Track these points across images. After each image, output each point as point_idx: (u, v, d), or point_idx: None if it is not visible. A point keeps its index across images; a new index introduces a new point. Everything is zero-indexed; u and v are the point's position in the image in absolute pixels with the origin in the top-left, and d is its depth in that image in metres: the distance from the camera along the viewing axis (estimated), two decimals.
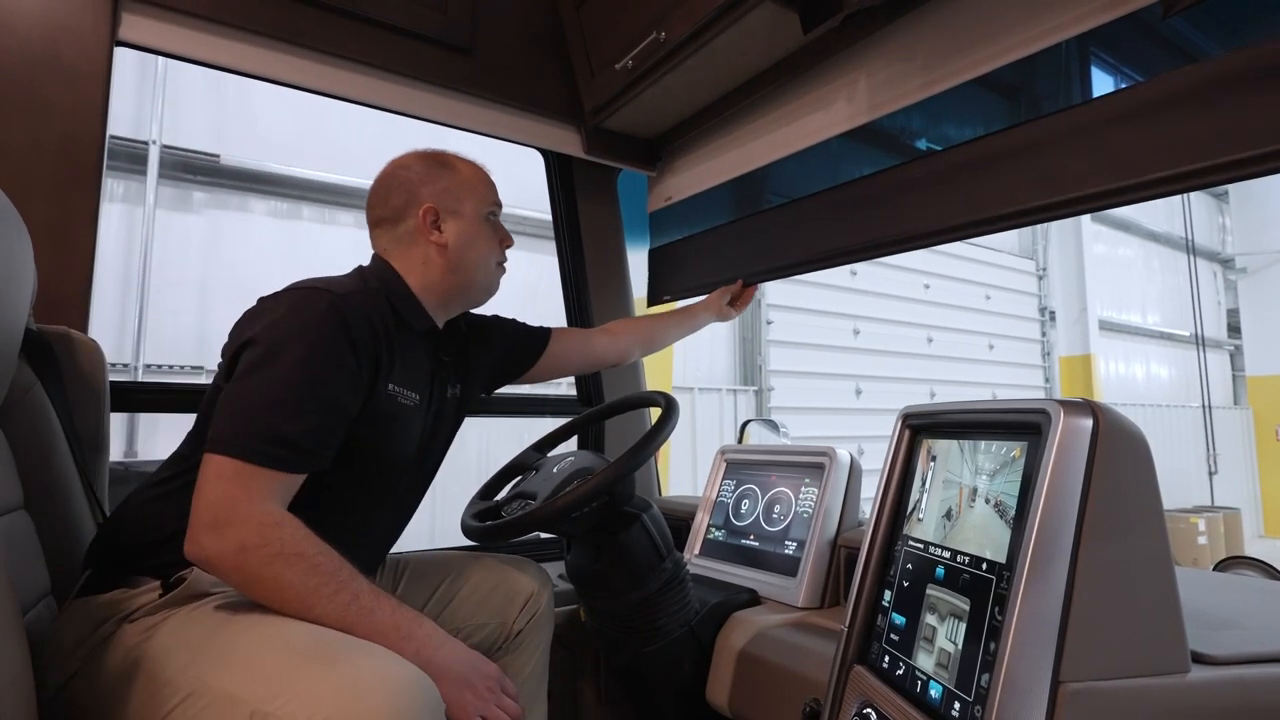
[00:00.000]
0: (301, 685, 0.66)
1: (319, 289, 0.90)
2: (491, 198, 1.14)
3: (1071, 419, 0.60)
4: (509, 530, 1.03)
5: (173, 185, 3.42)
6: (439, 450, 1.15)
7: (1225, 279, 10.00)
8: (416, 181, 1.08)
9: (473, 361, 1.21)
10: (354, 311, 0.90)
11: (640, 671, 1.16)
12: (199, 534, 0.77)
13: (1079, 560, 0.57)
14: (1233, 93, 0.89)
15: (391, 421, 0.97)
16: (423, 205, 1.06)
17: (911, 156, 1.33)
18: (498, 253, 1.15)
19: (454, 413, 1.16)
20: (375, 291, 0.99)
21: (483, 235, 1.11)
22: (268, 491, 0.80)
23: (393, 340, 0.97)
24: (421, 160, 1.12)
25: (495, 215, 1.15)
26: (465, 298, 1.13)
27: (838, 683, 0.81)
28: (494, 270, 1.15)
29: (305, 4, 1.36)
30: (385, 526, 1.08)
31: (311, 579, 0.77)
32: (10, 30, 1.13)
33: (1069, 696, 0.55)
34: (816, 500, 1.25)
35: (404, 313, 1.02)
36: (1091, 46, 1.11)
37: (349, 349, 0.88)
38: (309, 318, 0.87)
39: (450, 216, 1.08)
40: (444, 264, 1.07)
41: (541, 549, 1.72)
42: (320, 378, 0.85)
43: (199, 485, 0.80)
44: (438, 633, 0.83)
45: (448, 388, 1.13)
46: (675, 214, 1.93)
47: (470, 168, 1.14)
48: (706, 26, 1.30)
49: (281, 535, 0.77)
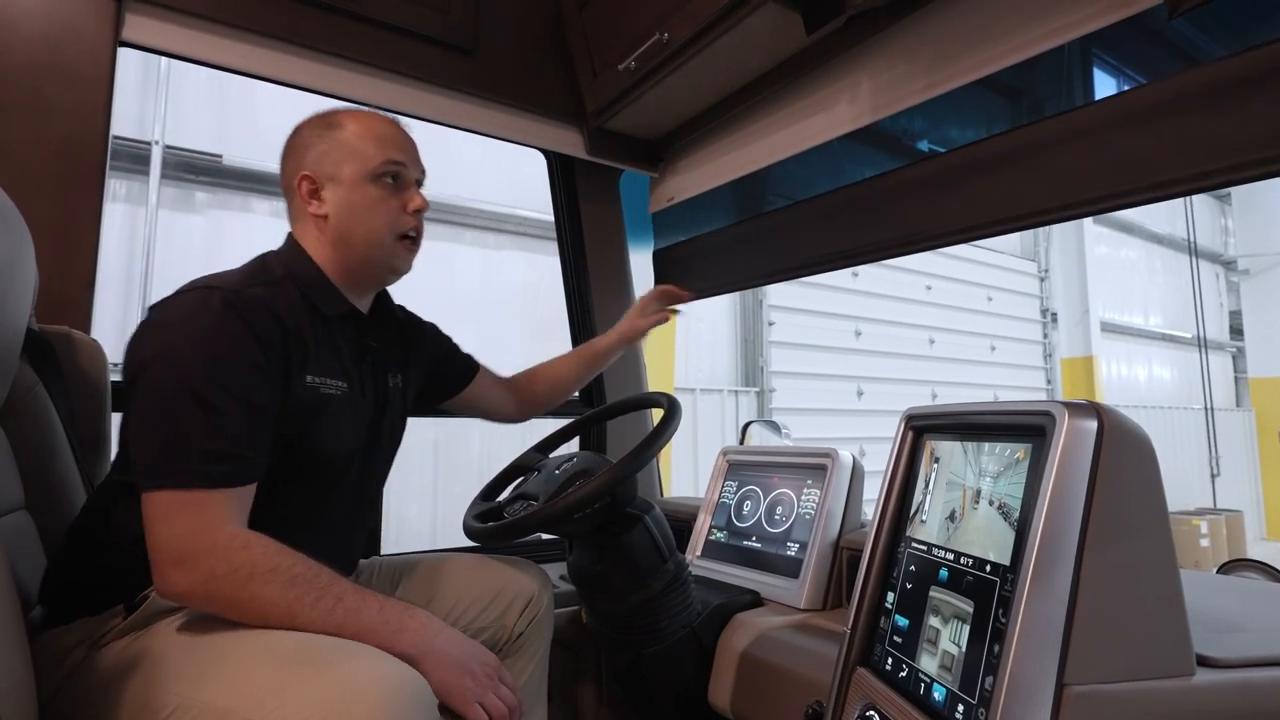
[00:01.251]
0: (291, 691, 0.65)
1: (210, 288, 0.84)
2: (383, 156, 0.97)
3: (1076, 421, 0.60)
4: (511, 531, 1.03)
5: (175, 185, 3.42)
6: (388, 441, 1.08)
7: (1227, 281, 9.98)
8: (301, 147, 0.98)
9: (416, 354, 1.15)
10: (251, 306, 0.84)
11: (642, 673, 1.16)
12: (166, 572, 0.75)
13: (1083, 562, 0.57)
14: (1237, 95, 0.89)
15: (319, 414, 0.90)
16: (300, 173, 0.97)
17: (915, 158, 1.33)
18: (396, 221, 0.99)
19: (400, 403, 1.10)
20: (280, 279, 0.92)
21: (369, 201, 0.97)
22: (223, 513, 0.77)
23: (303, 329, 0.90)
24: (312, 122, 1.00)
25: (396, 177, 0.99)
26: (368, 275, 1.01)
27: (840, 685, 0.80)
28: (391, 245, 1.00)
29: (308, 4, 1.36)
30: (348, 523, 1.03)
31: (290, 591, 0.75)
32: (14, 31, 1.13)
33: (1073, 699, 0.55)
34: (819, 501, 1.25)
35: (313, 297, 0.94)
36: (1095, 49, 1.11)
37: (254, 345, 0.82)
38: (204, 322, 0.81)
39: (328, 183, 0.96)
40: (330, 238, 0.97)
41: (543, 550, 1.72)
42: (232, 382, 0.80)
43: (148, 525, 0.76)
44: (432, 621, 0.82)
45: (388, 376, 1.06)
46: (677, 215, 1.93)
47: (358, 123, 0.99)
48: (709, 27, 1.30)
49: (250, 556, 0.75)
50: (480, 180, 4.26)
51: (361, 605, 0.78)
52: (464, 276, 4.27)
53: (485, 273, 4.34)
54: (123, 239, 3.27)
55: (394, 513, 3.57)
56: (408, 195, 1.01)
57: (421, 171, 1.04)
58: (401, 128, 1.03)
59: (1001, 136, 1.17)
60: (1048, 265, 7.96)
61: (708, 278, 1.84)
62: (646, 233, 2.03)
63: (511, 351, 4.70)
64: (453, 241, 4.28)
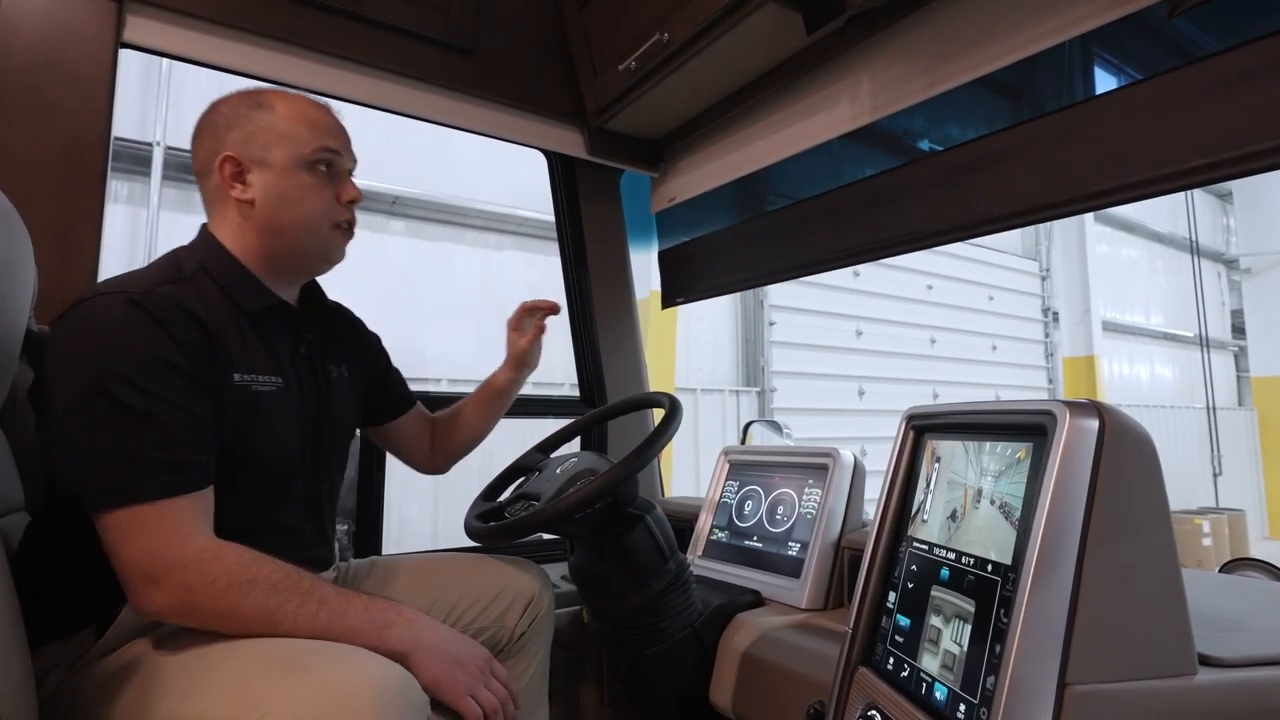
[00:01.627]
0: (279, 696, 0.65)
1: (112, 293, 0.79)
2: (318, 142, 0.92)
3: (1077, 420, 0.60)
4: (512, 531, 1.03)
5: (176, 187, 3.43)
6: (340, 432, 1.04)
7: (1229, 280, 9.97)
8: (223, 126, 0.92)
9: (359, 352, 1.12)
10: (162, 306, 0.79)
11: (643, 673, 1.16)
12: (141, 591, 0.72)
13: (1085, 562, 0.57)
14: (1235, 89, 0.89)
15: (252, 414, 0.86)
16: (221, 154, 0.90)
17: (915, 157, 1.33)
18: (331, 210, 0.95)
19: (347, 393, 1.05)
20: (192, 274, 0.87)
21: (301, 189, 0.92)
22: (188, 523, 0.74)
23: (223, 326, 0.85)
24: (234, 100, 0.94)
25: (330, 164, 0.94)
26: (297, 265, 0.97)
27: (842, 685, 0.80)
28: (326, 233, 0.95)
29: (308, 6, 1.36)
30: (308, 523, 0.99)
31: (272, 599, 0.74)
32: (15, 33, 1.14)
33: (1075, 699, 0.55)
34: (820, 501, 1.25)
35: (232, 292, 0.89)
36: (1095, 47, 1.11)
37: (172, 346, 0.78)
38: (113, 331, 0.76)
39: (255, 167, 0.91)
40: (255, 226, 0.91)
41: (544, 550, 1.72)
42: (158, 388, 0.76)
43: (112, 547, 0.73)
44: (419, 617, 0.82)
45: (329, 367, 1.02)
46: (679, 215, 1.93)
47: (290, 105, 0.93)
48: (709, 27, 1.30)
49: (226, 567, 0.73)
50: (481, 181, 4.27)
51: (346, 607, 0.77)
52: (464, 277, 4.27)
53: (486, 273, 4.35)
54: (124, 240, 3.28)
55: (395, 513, 3.57)
56: (342, 185, 0.96)
57: (354, 161, 1.00)
58: (334, 114, 0.99)
59: (1001, 133, 1.17)
60: (1049, 264, 7.96)
61: (713, 277, 1.84)
62: (647, 233, 2.03)
63: None
64: (453, 242, 4.28)
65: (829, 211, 1.50)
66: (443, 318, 4.04)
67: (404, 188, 4.03)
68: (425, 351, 3.94)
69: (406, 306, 3.92)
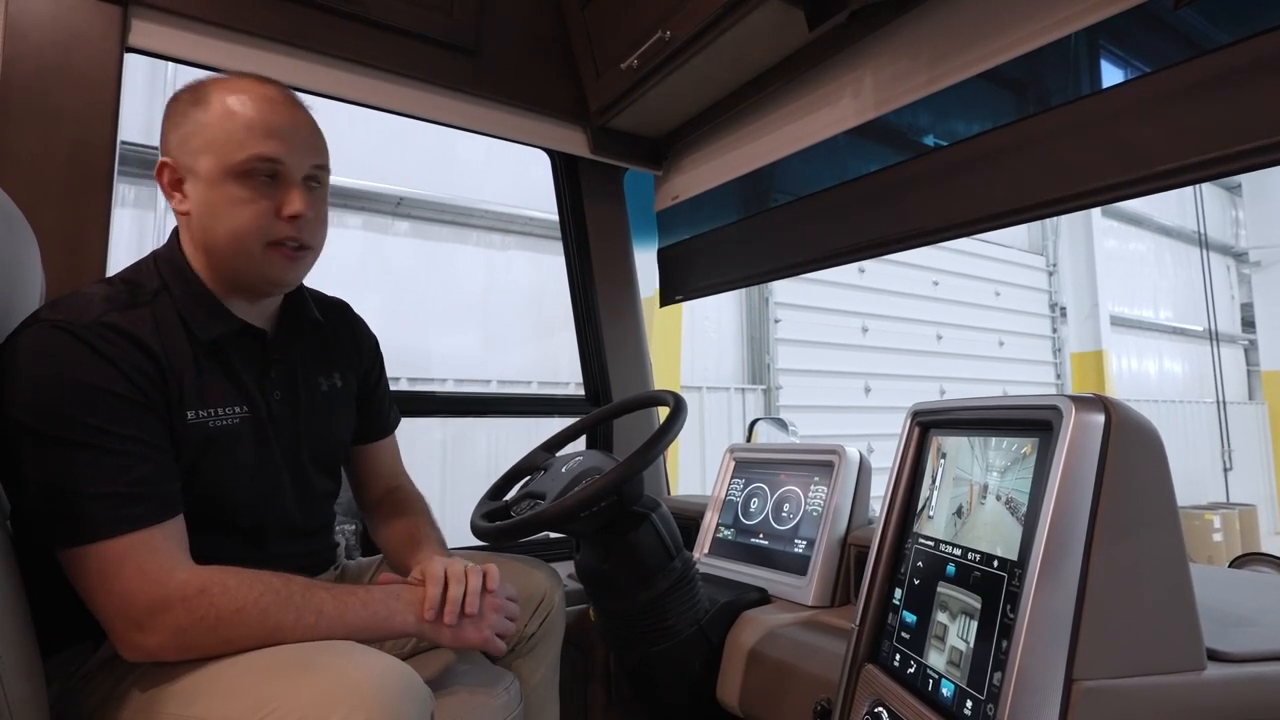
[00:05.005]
0: (284, 696, 0.65)
1: (56, 327, 0.72)
2: (249, 150, 0.80)
3: (1083, 415, 0.59)
4: (518, 530, 1.03)
5: None
6: (330, 447, 0.99)
7: (1239, 273, 9.89)
8: (168, 126, 0.84)
9: (361, 352, 1.05)
10: (108, 342, 0.73)
11: (650, 671, 1.16)
12: (127, 636, 0.70)
13: (1092, 557, 0.57)
14: (1243, 81, 0.88)
15: (207, 453, 0.80)
16: (159, 159, 0.83)
17: (920, 152, 1.33)
18: (264, 227, 0.82)
19: (336, 404, 0.99)
20: (152, 296, 0.81)
21: (227, 202, 0.80)
22: (164, 557, 0.71)
23: (178, 357, 0.79)
24: (182, 95, 0.84)
25: (271, 170, 0.82)
26: (243, 285, 0.86)
27: (849, 682, 0.80)
28: (259, 254, 0.83)
29: (311, 8, 1.37)
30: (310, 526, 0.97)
31: (265, 621, 0.72)
32: (23, 38, 1.14)
33: (1083, 694, 0.55)
34: (826, 498, 1.25)
35: (188, 318, 0.82)
36: (1101, 40, 1.11)
37: (117, 377, 0.72)
38: (55, 368, 0.71)
39: (189, 176, 0.82)
40: (192, 239, 0.84)
41: (550, 549, 1.72)
42: (102, 421, 0.71)
43: (87, 591, 0.70)
44: (416, 594, 0.83)
45: (318, 379, 0.96)
46: (682, 213, 1.93)
47: (225, 100, 0.81)
48: (711, 25, 1.30)
49: (211, 601, 0.71)
50: (486, 181, 4.27)
51: (344, 609, 0.77)
52: (469, 277, 4.28)
53: (490, 273, 4.36)
54: (132, 243, 3.30)
55: None
56: (283, 196, 0.83)
57: (315, 165, 0.86)
58: (290, 105, 0.85)
59: (1006, 128, 1.16)
60: (1056, 259, 7.91)
61: (712, 275, 1.84)
62: (650, 232, 2.03)
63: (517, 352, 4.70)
64: (458, 242, 4.29)
65: (830, 208, 1.49)
66: (448, 318, 4.06)
67: (409, 189, 4.04)
68: (430, 352, 3.96)
69: (411, 307, 3.93)
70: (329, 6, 1.38)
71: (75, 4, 1.18)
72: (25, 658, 0.62)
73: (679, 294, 1.98)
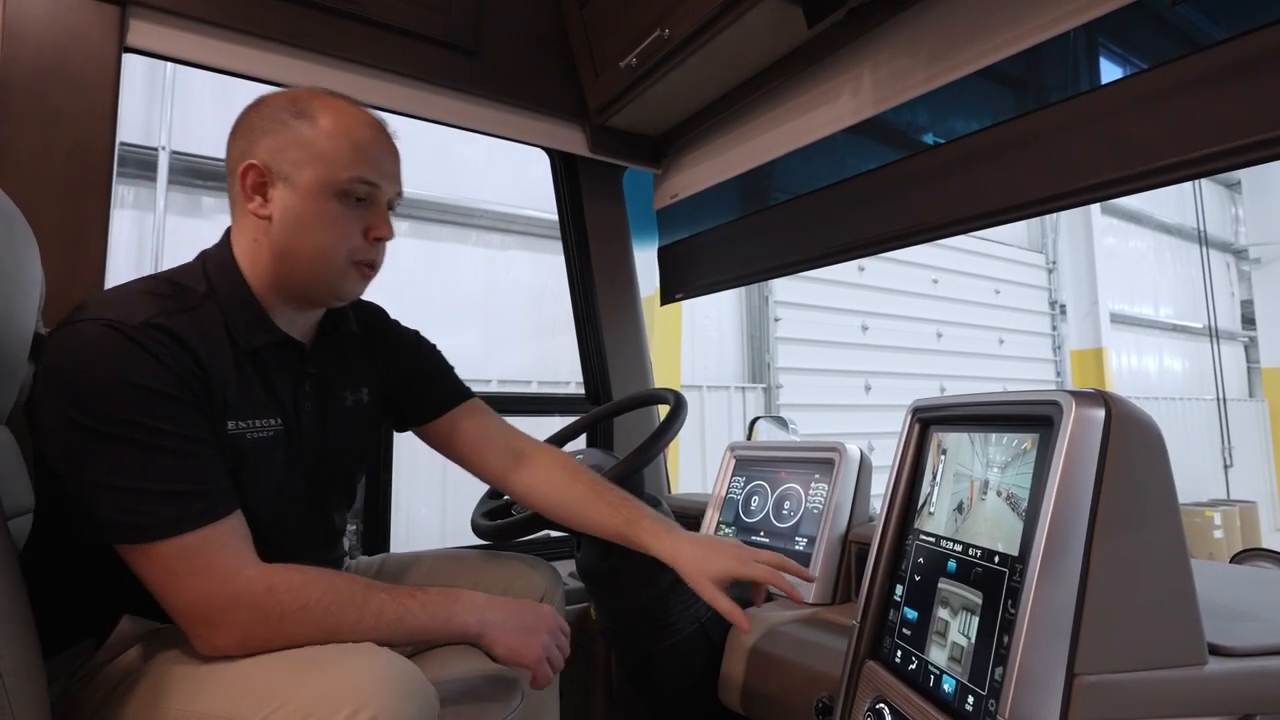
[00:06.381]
0: (290, 693, 0.65)
1: (109, 326, 0.71)
2: (355, 172, 0.83)
3: (1084, 410, 0.60)
4: (519, 529, 1.03)
5: (182, 191, 3.45)
6: (349, 464, 0.99)
7: (1239, 270, 9.89)
8: (258, 129, 0.84)
9: (388, 365, 1.03)
10: (158, 343, 0.73)
11: (651, 669, 1.16)
12: (201, 633, 0.71)
13: (1093, 552, 0.57)
14: (1241, 76, 0.88)
15: (241, 467, 0.80)
16: (246, 161, 0.82)
17: (919, 149, 1.33)
18: (353, 246, 0.85)
19: (360, 421, 0.98)
20: (199, 302, 0.80)
21: (323, 217, 0.82)
22: (229, 556, 0.72)
23: (222, 365, 0.79)
24: (277, 101, 0.85)
25: (367, 194, 0.85)
26: (307, 297, 0.87)
27: (850, 678, 0.80)
28: (342, 269, 0.85)
29: (310, 7, 1.37)
30: (323, 530, 0.98)
31: (326, 622, 0.72)
32: (22, 40, 1.14)
33: (1084, 689, 0.55)
34: (826, 496, 1.25)
35: (233, 326, 0.81)
36: (1099, 36, 1.11)
37: (170, 378, 0.72)
38: (111, 368, 0.70)
39: (280, 182, 0.82)
40: (269, 246, 0.83)
41: (551, 548, 1.72)
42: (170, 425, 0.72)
43: (155, 586, 0.71)
44: (475, 596, 0.82)
45: (345, 394, 0.96)
46: (682, 211, 1.93)
47: (335, 120, 0.83)
48: (710, 23, 1.30)
49: (277, 599, 0.71)
50: (486, 181, 4.27)
51: (404, 613, 0.76)
52: (469, 277, 4.28)
53: (491, 273, 4.36)
54: (131, 244, 3.30)
55: (403, 512, 3.59)
56: (374, 219, 0.86)
57: (398, 192, 0.91)
58: (387, 133, 0.90)
59: (1004, 125, 1.16)
60: (1055, 257, 7.91)
61: (711, 273, 1.84)
62: (650, 231, 2.03)
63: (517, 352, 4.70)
64: (458, 242, 4.29)
65: (829, 205, 1.50)
66: (448, 318, 4.05)
67: (408, 188, 4.02)
68: None
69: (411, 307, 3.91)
70: (327, 6, 1.38)
71: (73, 4, 1.18)
72: (26, 657, 0.62)
73: (679, 292, 1.98)
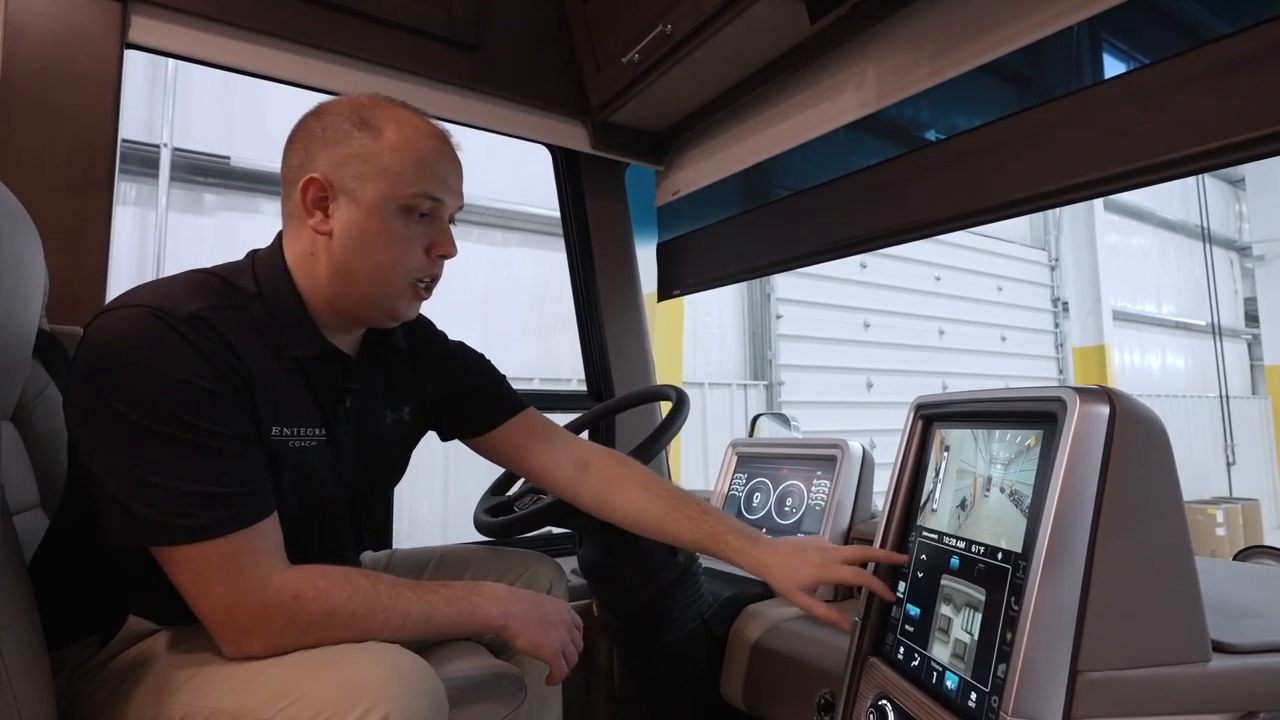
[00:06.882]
0: (300, 689, 0.65)
1: (154, 315, 0.69)
2: (421, 186, 0.80)
3: (1088, 406, 0.59)
4: (521, 525, 1.04)
5: (184, 188, 3.45)
6: (382, 480, 0.99)
7: (1242, 267, 9.86)
8: (319, 139, 0.80)
9: (434, 384, 1.01)
10: (205, 337, 0.71)
11: (654, 665, 1.16)
12: (230, 638, 0.71)
13: (1096, 549, 0.56)
14: (1245, 71, 0.88)
15: (283, 471, 0.78)
16: (307, 174, 0.79)
17: (921, 144, 1.32)
18: (415, 265, 0.83)
19: (399, 441, 0.98)
20: (248, 302, 0.78)
21: (386, 234, 0.80)
22: (263, 560, 0.71)
23: (267, 368, 0.77)
24: (339, 110, 0.81)
25: (431, 209, 0.83)
26: (360, 314, 0.85)
27: (853, 674, 0.80)
28: (400, 288, 0.83)
29: (311, 3, 1.37)
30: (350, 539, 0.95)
31: (354, 625, 0.72)
32: (24, 37, 1.14)
33: (1087, 686, 0.55)
34: (829, 493, 1.25)
35: (279, 333, 0.79)
36: (1102, 31, 1.10)
37: (218, 378, 0.71)
38: (155, 360, 0.68)
39: (343, 197, 0.79)
40: (327, 261, 0.81)
41: (554, 544, 1.72)
42: (212, 424, 0.70)
43: (184, 588, 0.70)
44: (498, 589, 0.83)
45: (385, 411, 0.94)
46: (683, 208, 1.93)
47: (401, 133, 0.80)
48: (713, 18, 1.29)
49: (305, 606, 0.71)
50: (488, 178, 4.27)
51: (430, 610, 0.76)
52: (471, 274, 4.28)
53: (492, 270, 4.36)
54: (134, 241, 3.30)
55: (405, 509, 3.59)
56: (437, 236, 0.84)
57: (459, 205, 0.88)
58: (450, 145, 0.87)
59: (1007, 120, 1.16)
60: (1058, 254, 7.89)
61: (712, 269, 1.83)
62: (652, 227, 2.02)
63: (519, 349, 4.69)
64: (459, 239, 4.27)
65: (830, 201, 1.49)
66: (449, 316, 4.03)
67: None
68: None
69: None
70: (329, 2, 1.38)
71: (75, 1, 1.17)
72: (31, 653, 0.63)
73: (676, 288, 1.98)
